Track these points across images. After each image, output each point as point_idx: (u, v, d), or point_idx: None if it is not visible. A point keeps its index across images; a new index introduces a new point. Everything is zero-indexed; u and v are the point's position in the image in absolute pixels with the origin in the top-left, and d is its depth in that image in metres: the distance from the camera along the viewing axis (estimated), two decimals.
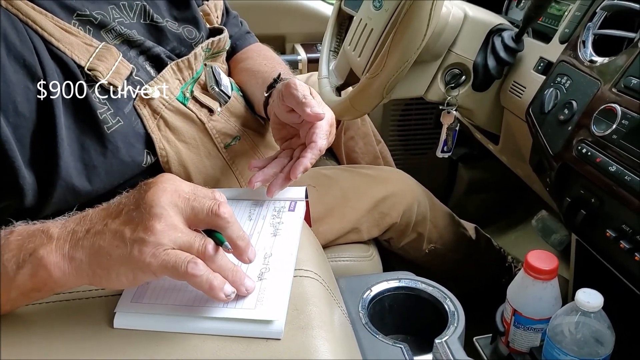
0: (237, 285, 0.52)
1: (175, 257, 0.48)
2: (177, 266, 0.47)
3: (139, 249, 0.47)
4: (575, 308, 0.72)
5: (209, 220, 0.51)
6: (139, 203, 0.50)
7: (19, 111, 0.58)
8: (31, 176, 0.61)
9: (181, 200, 0.51)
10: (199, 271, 0.48)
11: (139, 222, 0.48)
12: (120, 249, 0.48)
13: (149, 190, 0.50)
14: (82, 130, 0.65)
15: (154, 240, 0.47)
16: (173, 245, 0.48)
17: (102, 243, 0.49)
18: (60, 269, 0.49)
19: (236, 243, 0.52)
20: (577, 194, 0.76)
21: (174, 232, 0.49)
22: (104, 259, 0.48)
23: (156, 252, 0.47)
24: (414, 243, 1.11)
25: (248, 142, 0.87)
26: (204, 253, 0.49)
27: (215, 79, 0.83)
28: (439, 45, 0.94)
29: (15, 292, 0.50)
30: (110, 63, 0.67)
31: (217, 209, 0.51)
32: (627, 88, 0.70)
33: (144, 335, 0.51)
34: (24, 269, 0.49)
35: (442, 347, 0.71)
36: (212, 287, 0.49)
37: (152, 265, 0.47)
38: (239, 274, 0.52)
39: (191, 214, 0.51)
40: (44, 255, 0.48)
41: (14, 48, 0.58)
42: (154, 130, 0.72)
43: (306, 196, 0.71)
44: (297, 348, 0.50)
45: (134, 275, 0.49)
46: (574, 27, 0.87)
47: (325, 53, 1.17)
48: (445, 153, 1.06)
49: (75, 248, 0.49)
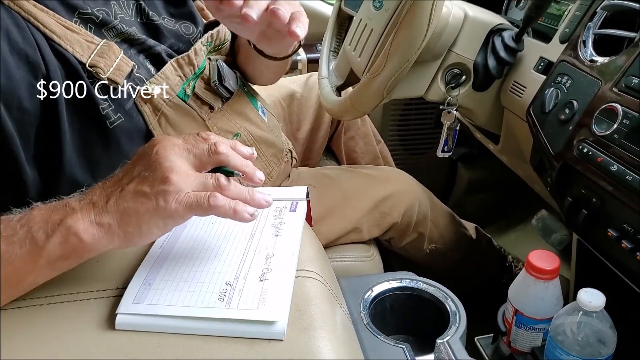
0: (257, 201, 0.57)
1: (195, 197, 0.53)
2: (201, 203, 0.53)
3: (164, 198, 0.52)
4: (578, 308, 0.72)
5: (213, 160, 0.56)
6: (148, 163, 0.54)
7: (23, 107, 0.58)
8: (34, 172, 0.61)
9: (183, 151, 0.56)
10: (220, 201, 0.53)
11: (155, 178, 0.53)
12: (146, 203, 0.52)
13: (152, 151, 0.55)
14: (85, 125, 0.65)
15: (174, 189, 0.52)
16: (190, 188, 0.54)
17: (126, 204, 0.53)
18: (90, 234, 0.52)
19: (243, 170, 0.58)
20: (579, 193, 0.76)
21: (187, 178, 0.54)
22: (132, 217, 0.53)
23: (178, 197, 0.53)
24: (414, 243, 1.11)
25: (248, 139, 0.87)
26: (219, 186, 0.55)
27: (219, 73, 0.84)
28: (440, 45, 0.94)
29: (43, 260, 0.52)
30: (112, 60, 0.67)
31: (216, 148, 0.56)
32: (628, 88, 0.70)
33: (146, 336, 0.51)
34: (53, 237, 0.51)
35: (444, 348, 0.71)
36: (236, 211, 0.54)
37: (179, 210, 0.52)
38: (255, 193, 0.58)
39: (195, 160, 0.56)
40: (72, 224, 0.52)
41: (16, 45, 0.58)
42: (155, 126, 0.73)
43: (307, 196, 0.71)
44: (300, 349, 0.50)
45: (164, 222, 0.54)
46: (574, 26, 0.87)
47: (325, 53, 1.17)
48: (446, 153, 1.06)
49: (102, 214, 0.53)
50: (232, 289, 0.55)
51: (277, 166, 0.95)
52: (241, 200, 0.56)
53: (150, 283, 0.56)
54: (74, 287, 0.56)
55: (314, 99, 1.26)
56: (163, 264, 0.59)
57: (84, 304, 0.55)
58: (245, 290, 0.54)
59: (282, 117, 1.21)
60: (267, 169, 0.92)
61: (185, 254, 0.60)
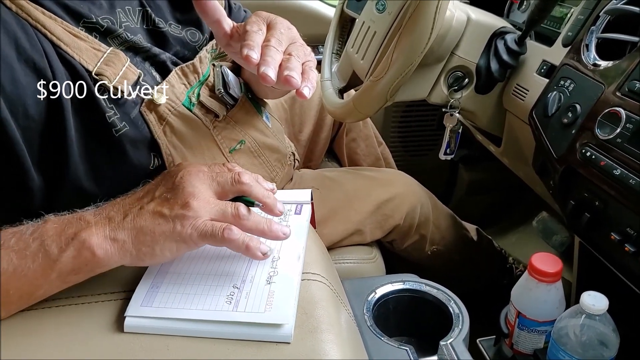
0: (274, 233, 0.58)
1: (212, 226, 0.54)
2: (215, 233, 0.54)
3: (181, 223, 0.53)
4: (581, 311, 0.73)
5: (235, 189, 0.58)
6: (172, 186, 0.56)
7: (29, 114, 0.58)
8: (40, 178, 0.61)
9: (207, 178, 0.57)
10: (234, 235, 0.54)
11: (175, 202, 0.55)
12: (162, 225, 0.54)
13: (177, 175, 0.57)
14: (90, 133, 0.65)
15: (192, 215, 0.54)
16: (209, 216, 0.55)
17: (143, 223, 0.54)
18: (103, 249, 0.53)
19: (264, 201, 0.59)
20: (581, 196, 0.76)
21: (207, 205, 0.55)
22: (147, 236, 0.54)
23: (195, 223, 0.54)
24: (416, 245, 1.12)
25: (252, 145, 0.87)
26: (238, 215, 0.56)
27: (224, 80, 0.83)
28: (443, 48, 0.94)
29: (54, 274, 0.53)
30: (118, 68, 0.67)
31: (239, 178, 0.58)
32: (631, 92, 0.70)
33: (155, 339, 0.51)
34: (67, 251, 0.52)
35: (447, 349, 0.72)
36: (249, 248, 0.55)
37: (194, 236, 0.54)
38: (274, 224, 0.58)
39: (218, 188, 0.58)
40: (86, 238, 0.53)
41: (24, 51, 0.58)
42: (160, 135, 0.73)
43: (311, 198, 0.71)
44: (307, 351, 0.51)
45: (177, 247, 0.54)
46: (576, 30, 0.88)
47: (327, 55, 1.17)
48: (448, 155, 1.07)
49: (117, 230, 0.54)
50: (239, 292, 0.55)
51: (280, 170, 0.95)
52: (258, 231, 0.57)
53: (158, 286, 0.56)
54: (82, 290, 0.56)
55: (316, 100, 1.26)
56: (170, 267, 0.59)
57: (92, 306, 0.55)
58: (252, 293, 0.55)
59: (284, 119, 1.21)
60: (271, 174, 0.92)
61: (192, 257, 0.61)
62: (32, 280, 0.52)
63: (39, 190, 0.62)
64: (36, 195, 0.62)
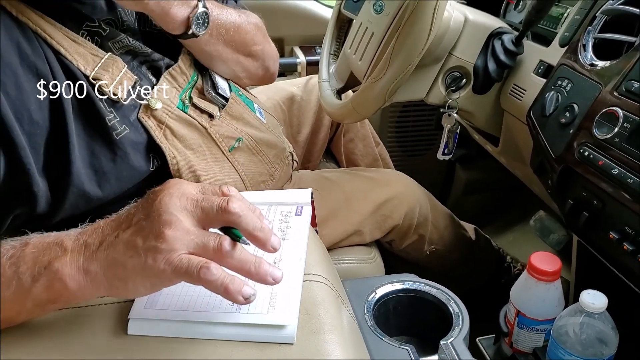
0: (261, 276, 0.50)
1: (188, 263, 0.47)
2: (190, 271, 0.47)
3: (153, 257, 0.47)
4: (580, 309, 0.73)
5: (221, 218, 0.50)
6: (148, 212, 0.49)
7: (33, 119, 0.58)
8: (44, 183, 0.61)
9: (190, 203, 0.50)
10: (211, 276, 0.47)
11: (150, 231, 0.48)
12: (134, 258, 0.48)
13: (157, 198, 0.50)
14: (92, 137, 0.65)
15: (166, 247, 0.47)
16: (187, 249, 0.48)
17: (115, 255, 0.49)
18: (75, 281, 0.49)
19: (254, 235, 0.51)
20: (579, 196, 0.77)
21: (186, 236, 0.48)
22: (119, 270, 0.49)
23: (169, 258, 0.47)
24: (415, 245, 1.12)
25: (250, 142, 0.88)
26: (220, 250, 0.48)
27: (212, 81, 0.83)
28: (440, 48, 0.95)
29: (30, 303, 0.50)
30: (115, 73, 0.67)
31: (226, 205, 0.49)
32: (628, 92, 0.71)
33: (158, 341, 0.52)
34: (39, 281, 0.49)
35: (447, 349, 0.72)
36: (228, 291, 0.48)
37: (167, 272, 0.47)
38: (263, 266, 0.50)
39: (202, 215, 0.50)
40: (59, 268, 0.49)
41: (27, 57, 0.58)
42: (161, 140, 0.73)
43: (311, 198, 0.72)
44: (310, 352, 0.51)
45: (150, 283, 0.49)
46: (573, 30, 0.88)
47: (325, 56, 1.17)
48: (446, 155, 1.07)
49: (90, 261, 0.49)
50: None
51: (279, 167, 0.95)
52: (244, 271, 0.50)
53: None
54: None
55: (314, 101, 1.26)
56: None
57: (95, 309, 0.55)
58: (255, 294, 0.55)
59: (282, 120, 1.22)
60: (270, 170, 0.92)
61: None
62: (10, 307, 0.50)
63: (44, 195, 0.62)
64: (41, 200, 0.61)
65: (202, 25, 0.75)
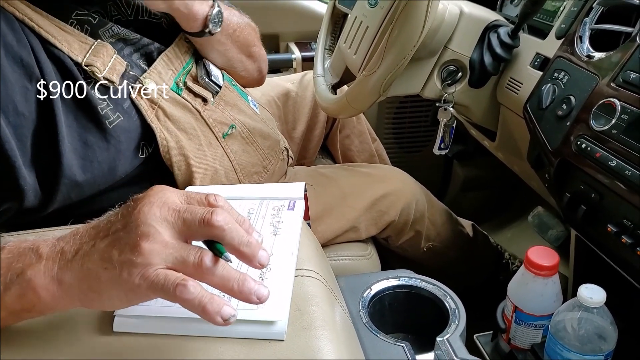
0: (245, 295, 0.46)
1: (164, 279, 0.44)
2: (166, 288, 0.44)
3: (128, 270, 0.44)
4: (578, 304, 0.72)
5: (203, 232, 0.46)
6: (127, 221, 0.46)
7: (19, 111, 0.58)
8: (32, 176, 0.60)
9: (171, 214, 0.46)
10: (188, 294, 0.44)
11: (127, 243, 0.45)
12: (109, 271, 0.45)
13: (136, 207, 0.47)
14: (84, 127, 0.65)
15: (142, 261, 0.44)
16: (164, 264, 0.45)
17: (90, 265, 0.45)
18: (49, 292, 0.46)
19: (240, 250, 0.47)
20: (577, 189, 0.76)
21: (164, 250, 0.45)
22: (93, 282, 0.45)
23: (145, 273, 0.44)
24: (412, 241, 1.11)
25: (243, 131, 0.88)
26: (200, 266, 0.45)
27: (206, 69, 0.84)
28: (435, 41, 0.94)
29: (4, 312, 0.47)
30: (106, 60, 0.67)
31: (209, 218, 0.45)
32: (625, 82, 0.70)
33: (146, 338, 0.50)
34: (11, 289, 0.46)
35: (444, 345, 0.71)
36: (205, 311, 0.44)
37: (142, 287, 0.44)
38: (247, 284, 0.46)
39: (183, 227, 0.46)
40: (32, 277, 0.46)
41: (11, 48, 0.58)
42: (153, 120, 0.73)
43: (304, 191, 0.71)
44: (301, 349, 0.50)
45: (126, 297, 0.46)
46: (570, 22, 0.87)
47: (320, 51, 1.16)
48: (443, 150, 1.06)
49: (64, 270, 0.46)
50: None
51: (273, 159, 0.95)
52: (226, 289, 0.46)
53: None
54: None
55: (309, 97, 1.26)
56: None
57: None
58: None
59: (277, 116, 1.21)
60: (263, 162, 0.92)
61: None
62: None
63: (32, 189, 0.61)
64: (29, 194, 0.60)
65: (218, 24, 0.79)
